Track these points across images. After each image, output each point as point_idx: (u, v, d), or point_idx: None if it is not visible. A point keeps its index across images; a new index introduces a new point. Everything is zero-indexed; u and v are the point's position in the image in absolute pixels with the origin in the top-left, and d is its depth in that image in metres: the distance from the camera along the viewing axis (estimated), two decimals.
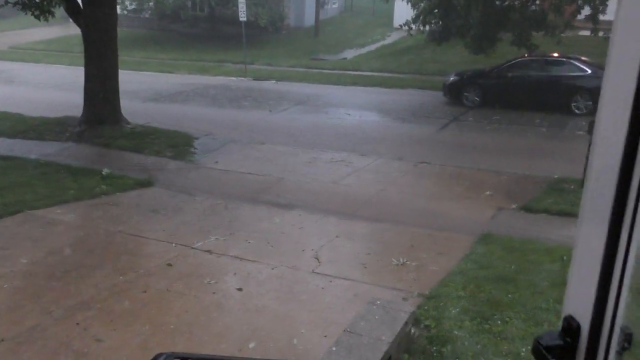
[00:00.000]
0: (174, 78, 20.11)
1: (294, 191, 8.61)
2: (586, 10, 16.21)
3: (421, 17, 18.03)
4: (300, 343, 4.42)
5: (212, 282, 5.46)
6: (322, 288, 5.36)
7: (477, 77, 15.62)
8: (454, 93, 15.66)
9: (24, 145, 10.86)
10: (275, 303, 5.09)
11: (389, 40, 28.69)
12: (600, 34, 15.98)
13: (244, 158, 10.35)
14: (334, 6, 36.65)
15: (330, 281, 5.49)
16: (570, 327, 0.95)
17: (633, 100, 0.82)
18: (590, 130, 8.09)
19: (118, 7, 13.19)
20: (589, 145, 7.54)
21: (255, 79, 20.19)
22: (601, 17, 15.96)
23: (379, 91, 17.79)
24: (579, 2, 16.15)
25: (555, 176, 9.00)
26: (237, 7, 21.64)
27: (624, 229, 0.87)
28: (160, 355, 1.29)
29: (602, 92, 0.89)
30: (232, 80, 19.88)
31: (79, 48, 12.37)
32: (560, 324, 1.01)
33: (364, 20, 34.64)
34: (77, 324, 4.68)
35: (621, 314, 0.91)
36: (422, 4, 18.28)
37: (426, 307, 4.78)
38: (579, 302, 0.95)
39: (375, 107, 15.63)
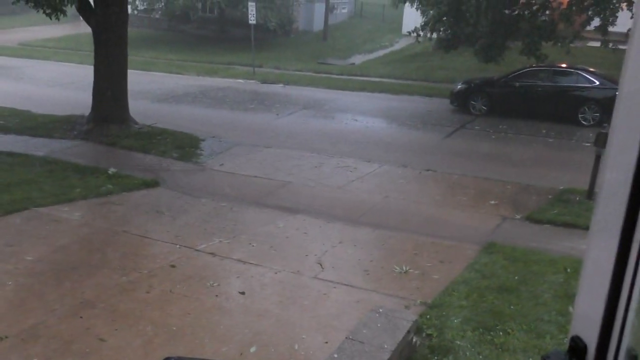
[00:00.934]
0: (182, 79, 20.19)
1: (298, 195, 8.63)
2: (596, 22, 16.19)
3: (430, 24, 18.05)
4: (301, 348, 4.43)
5: (215, 284, 5.48)
6: (325, 294, 5.37)
7: (484, 85, 15.62)
8: (461, 101, 15.65)
9: (31, 142, 10.93)
10: (278, 308, 5.10)
11: (397, 47, 28.73)
12: (610, 45, 15.95)
13: (249, 161, 10.37)
14: (343, 11, 36.73)
15: (333, 287, 5.50)
16: (577, 348, 0.96)
17: None
18: (597, 142, 8.07)
19: (129, 7, 13.27)
20: (596, 158, 7.49)
21: (263, 82, 20.24)
22: (610, 29, 15.94)
23: (386, 97, 17.80)
24: (589, 13, 16.14)
25: (561, 187, 8.98)
26: (247, 9, 21.74)
27: (633, 248, 0.87)
28: (168, 359, 1.31)
29: (617, 104, 0.89)
30: (240, 83, 19.94)
31: (89, 46, 12.46)
32: (566, 342, 1.01)
33: (373, 26, 34.70)
34: (81, 321, 4.71)
35: (628, 335, 0.92)
36: (431, 11, 18.31)
37: (428, 316, 4.78)
38: (586, 323, 0.96)
39: (382, 114, 15.64)
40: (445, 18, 17.73)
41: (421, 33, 18.30)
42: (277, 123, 13.85)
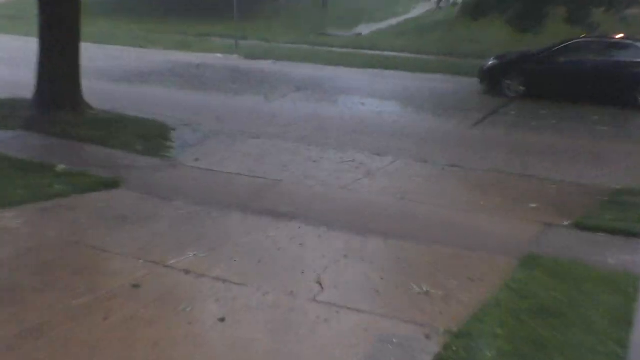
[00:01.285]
0: (148, 54, 20.19)
1: (293, 197, 8.61)
2: None
3: None
4: None
5: (188, 309, 5.44)
6: (325, 320, 5.33)
7: (521, 61, 15.63)
8: (493, 80, 15.68)
9: None
10: (267, 337, 5.06)
11: (414, 14, 28.78)
12: None
13: (231, 155, 10.35)
14: None
15: (336, 312, 5.46)
16: None
17: None
18: None
19: None
20: None
21: (248, 57, 20.22)
22: None
23: (400, 76, 17.80)
24: None
25: (617, 186, 8.98)
26: None
27: None
28: None
29: None
30: (219, 59, 19.94)
31: (35, 13, 12.43)
32: None
33: None
34: (23, 354, 4.67)
35: None
36: None
37: (454, 348, 4.75)
38: None
39: (395, 96, 15.63)
40: None
41: None
42: (266, 108, 13.83)
